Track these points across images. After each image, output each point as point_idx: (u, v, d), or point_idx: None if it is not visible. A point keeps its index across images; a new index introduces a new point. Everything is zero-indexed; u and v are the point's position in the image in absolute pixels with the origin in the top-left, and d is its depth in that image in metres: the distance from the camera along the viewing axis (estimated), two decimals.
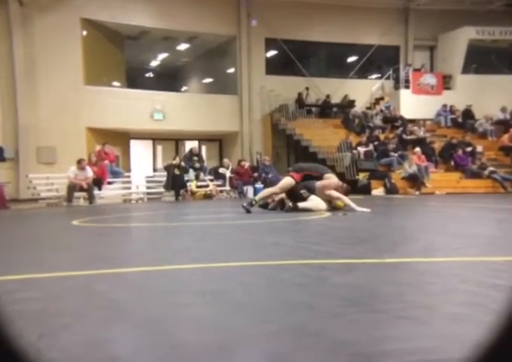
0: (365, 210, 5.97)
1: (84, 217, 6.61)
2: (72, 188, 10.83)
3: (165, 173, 13.00)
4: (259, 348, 1.15)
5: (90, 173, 11.15)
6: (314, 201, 6.10)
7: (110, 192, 12.82)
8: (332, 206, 6.26)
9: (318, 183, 6.22)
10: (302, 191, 6.16)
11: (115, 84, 17.33)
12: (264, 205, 6.67)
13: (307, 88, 17.54)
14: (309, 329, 1.27)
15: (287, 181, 6.40)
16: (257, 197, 6.55)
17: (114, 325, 1.38)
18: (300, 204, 6.04)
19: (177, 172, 12.45)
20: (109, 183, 12.46)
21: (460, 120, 17.04)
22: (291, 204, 6.10)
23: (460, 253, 2.62)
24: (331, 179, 6.41)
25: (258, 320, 1.40)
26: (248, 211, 6.11)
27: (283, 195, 6.48)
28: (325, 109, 17.61)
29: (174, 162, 12.70)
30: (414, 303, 1.53)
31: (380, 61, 18.94)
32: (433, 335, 1.22)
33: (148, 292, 1.82)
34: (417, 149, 13.75)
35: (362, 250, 2.89)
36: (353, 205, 6.07)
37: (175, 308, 1.55)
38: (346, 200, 6.22)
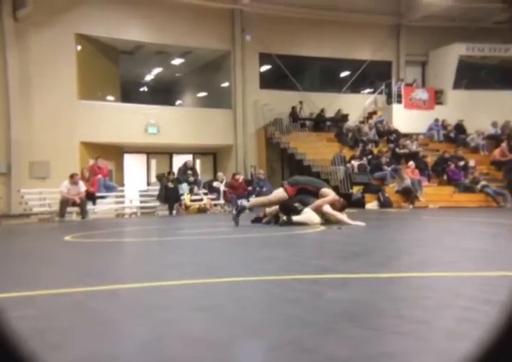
0: (359, 223, 5.97)
1: (77, 233, 6.56)
2: (65, 203, 10.76)
3: (158, 188, 12.98)
4: None
5: (83, 187, 11.08)
6: (308, 215, 6.09)
7: (103, 207, 12.74)
8: (325, 218, 6.25)
9: (313, 205, 6.17)
10: (296, 205, 6.16)
11: (110, 98, 17.38)
12: (257, 219, 6.67)
13: (301, 102, 17.69)
14: (304, 345, 1.27)
15: (279, 193, 6.40)
16: (248, 205, 6.65)
17: (107, 342, 1.37)
18: (295, 218, 6.04)
19: (170, 185, 12.42)
20: (101, 198, 12.38)
21: (452, 134, 17.21)
22: (285, 217, 6.09)
23: (454, 268, 2.62)
24: (328, 194, 6.38)
25: (252, 335, 1.39)
26: (237, 223, 6.16)
27: (277, 209, 6.48)
28: (319, 123, 17.74)
29: (167, 176, 12.70)
30: (409, 318, 1.53)
31: (373, 76, 19.18)
32: (429, 350, 1.22)
33: (141, 309, 1.80)
34: (411, 163, 13.86)
35: (357, 264, 2.88)
36: (347, 220, 6.07)
37: (169, 324, 1.54)
38: (340, 216, 6.20)
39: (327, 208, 6.18)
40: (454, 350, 1.21)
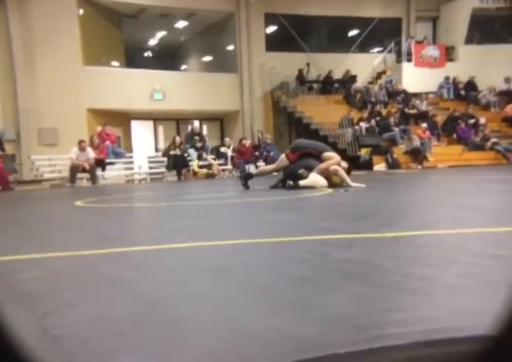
0: (359, 185, 6.00)
1: (87, 198, 6.64)
2: (75, 169, 10.89)
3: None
4: (259, 322, 1.17)
5: (91, 154, 11.18)
6: (314, 178, 6.10)
7: (113, 173, 12.85)
8: (330, 182, 6.25)
9: (317, 168, 6.19)
10: (300, 171, 6.17)
11: (114, 63, 17.15)
12: (249, 175, 6.75)
13: (308, 64, 17.32)
14: (310, 303, 1.29)
15: (283, 162, 6.59)
16: (254, 172, 7.01)
17: (118, 302, 1.40)
18: (301, 182, 6.05)
19: (177, 152, 12.41)
20: (110, 164, 12.47)
21: (463, 92, 16.86)
22: (291, 182, 6.10)
23: (461, 225, 2.62)
24: (332, 157, 6.37)
25: (259, 295, 1.42)
26: (246, 186, 6.35)
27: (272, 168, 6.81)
28: (327, 85, 17.43)
29: (174, 145, 12.66)
30: (413, 275, 1.54)
31: (382, 34, 18.66)
32: (432, 305, 1.23)
33: (150, 271, 1.84)
34: (424, 125, 13.78)
35: (364, 225, 2.90)
36: (348, 181, 6.09)
37: (177, 285, 1.57)
38: (345, 176, 6.20)
39: (333, 167, 6.19)
40: (457, 304, 1.22)
